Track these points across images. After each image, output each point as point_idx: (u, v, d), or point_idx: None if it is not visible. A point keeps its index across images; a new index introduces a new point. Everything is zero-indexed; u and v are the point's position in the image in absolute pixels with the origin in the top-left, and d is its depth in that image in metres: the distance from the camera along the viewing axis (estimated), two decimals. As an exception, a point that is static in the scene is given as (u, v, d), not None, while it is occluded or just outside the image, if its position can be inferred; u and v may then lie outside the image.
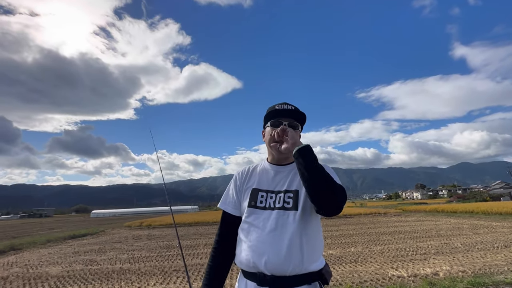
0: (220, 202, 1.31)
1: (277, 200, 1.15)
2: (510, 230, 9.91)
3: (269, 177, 1.24)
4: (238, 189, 1.28)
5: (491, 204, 21.54)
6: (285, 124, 1.19)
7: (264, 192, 1.20)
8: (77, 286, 4.91)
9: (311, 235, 1.12)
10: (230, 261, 1.24)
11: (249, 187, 1.24)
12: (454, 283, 3.96)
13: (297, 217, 1.10)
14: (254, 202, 1.18)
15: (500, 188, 62.93)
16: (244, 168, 1.36)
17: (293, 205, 1.11)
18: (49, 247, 10.88)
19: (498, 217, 14.98)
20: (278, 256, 1.04)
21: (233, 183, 1.32)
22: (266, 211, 1.14)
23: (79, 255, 8.44)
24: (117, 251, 8.75)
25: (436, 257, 5.86)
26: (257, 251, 1.07)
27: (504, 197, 41.05)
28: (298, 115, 1.23)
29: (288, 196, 1.15)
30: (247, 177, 1.29)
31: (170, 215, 32.96)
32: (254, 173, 1.29)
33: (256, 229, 1.12)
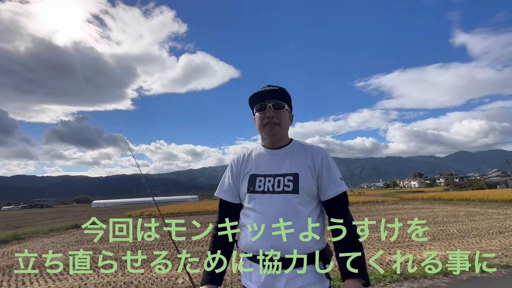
0: (217, 190, 1.30)
1: (276, 184, 1.14)
2: (505, 216, 10.10)
3: (266, 161, 1.23)
4: (235, 177, 1.27)
5: (487, 192, 21.85)
6: (270, 106, 1.18)
7: (262, 176, 1.19)
8: (81, 273, 5.01)
9: (313, 217, 1.13)
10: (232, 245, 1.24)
11: (247, 173, 1.23)
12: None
13: (299, 200, 1.11)
14: (252, 188, 1.17)
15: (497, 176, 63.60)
16: (239, 155, 1.34)
17: (294, 188, 1.11)
18: (51, 236, 11.04)
19: (494, 204, 15.22)
20: (281, 239, 1.06)
21: (229, 171, 1.31)
22: (265, 195, 1.14)
23: (81, 244, 8.58)
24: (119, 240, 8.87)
25: (432, 243, 5.98)
26: (261, 236, 1.08)
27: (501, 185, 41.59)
28: (282, 94, 1.20)
29: (288, 179, 1.14)
30: (243, 164, 1.27)
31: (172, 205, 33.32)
32: (250, 159, 1.28)
33: (258, 214, 1.12)
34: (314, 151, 1.21)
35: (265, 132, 1.21)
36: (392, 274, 3.88)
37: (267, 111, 1.18)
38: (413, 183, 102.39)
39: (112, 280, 4.52)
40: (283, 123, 1.21)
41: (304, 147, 1.25)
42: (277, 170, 1.18)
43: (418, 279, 3.76)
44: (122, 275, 4.82)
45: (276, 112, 1.19)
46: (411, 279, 3.79)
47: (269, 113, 1.18)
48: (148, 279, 4.49)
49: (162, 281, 4.36)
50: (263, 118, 1.20)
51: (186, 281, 4.26)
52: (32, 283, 4.70)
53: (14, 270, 5.60)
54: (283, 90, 1.21)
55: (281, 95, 1.20)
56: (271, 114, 1.18)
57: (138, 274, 4.80)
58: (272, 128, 1.19)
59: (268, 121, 1.18)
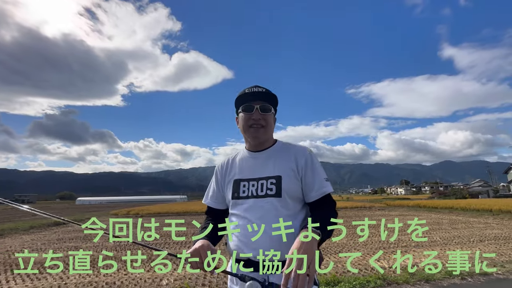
0: (203, 198, 1.30)
1: (259, 188, 1.12)
2: (485, 225, 10.43)
3: (249, 165, 1.21)
4: (220, 183, 1.26)
5: (470, 201, 22.52)
6: (257, 108, 1.15)
7: (246, 181, 1.16)
8: (61, 273, 4.85)
9: (299, 220, 1.10)
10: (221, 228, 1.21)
11: (231, 178, 1.21)
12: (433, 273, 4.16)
13: (281, 203, 1.08)
14: (237, 193, 1.15)
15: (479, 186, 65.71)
16: (223, 161, 1.32)
17: (277, 192, 1.09)
18: (32, 233, 10.65)
19: (475, 213, 15.71)
20: (267, 244, 1.04)
21: (214, 177, 1.30)
22: (249, 199, 1.12)
23: (63, 242, 8.31)
24: (103, 239, 8.65)
25: (416, 250, 6.12)
26: (245, 241, 1.07)
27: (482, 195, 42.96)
28: (269, 97, 1.17)
29: (271, 182, 1.12)
30: (227, 169, 1.26)
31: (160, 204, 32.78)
32: (234, 164, 1.26)
33: (242, 219, 1.11)
34: (298, 152, 1.18)
35: (249, 133, 1.18)
36: (376, 280, 3.94)
37: (254, 113, 1.15)
38: (400, 190, 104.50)
39: (94, 280, 4.40)
40: (268, 126, 1.18)
41: (287, 148, 1.22)
42: (260, 173, 1.15)
43: (401, 285, 3.84)
44: (105, 275, 4.70)
45: (263, 114, 1.16)
46: (394, 284, 3.85)
47: (255, 115, 1.15)
48: (132, 279, 4.40)
49: (146, 282, 4.28)
50: (249, 120, 1.16)
51: (170, 283, 4.20)
52: (9, 282, 4.51)
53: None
54: (271, 92, 1.19)
55: (269, 98, 1.18)
56: (258, 116, 1.15)
57: (121, 274, 4.70)
58: (257, 131, 1.16)
59: (253, 123, 1.15)
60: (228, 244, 1.17)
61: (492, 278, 3.98)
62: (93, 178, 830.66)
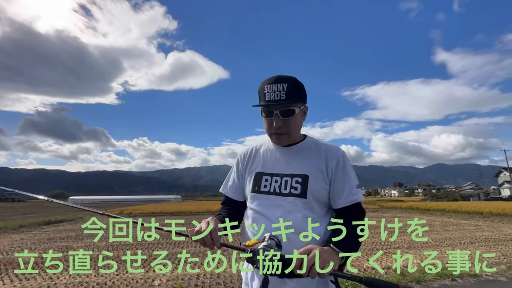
0: (221, 186, 1.22)
1: (283, 185, 1.03)
2: (476, 228, 10.60)
3: (274, 158, 1.11)
4: (241, 173, 1.18)
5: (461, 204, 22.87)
6: (277, 114, 1.02)
7: (268, 175, 1.08)
8: (51, 273, 4.77)
9: (321, 224, 1.01)
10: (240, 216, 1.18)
11: (253, 170, 1.13)
12: (424, 274, 4.21)
13: (306, 205, 1.00)
14: (257, 187, 1.07)
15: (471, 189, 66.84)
16: (246, 150, 1.23)
17: (302, 192, 1.00)
18: (21, 232, 10.45)
19: (467, 216, 15.95)
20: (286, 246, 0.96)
21: (235, 166, 1.21)
22: (271, 196, 1.03)
23: (54, 241, 8.18)
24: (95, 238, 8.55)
25: (408, 251, 6.18)
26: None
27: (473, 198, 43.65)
28: (292, 95, 0.99)
29: (296, 181, 1.02)
30: (250, 160, 1.17)
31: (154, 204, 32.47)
32: (257, 155, 1.17)
33: (261, 217, 1.02)
34: (329, 152, 1.07)
35: (272, 139, 1.10)
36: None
37: (274, 119, 1.03)
38: (393, 192, 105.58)
39: (85, 281, 4.33)
40: (292, 131, 1.06)
41: (318, 146, 1.11)
42: (285, 170, 1.06)
43: (393, 286, 3.86)
44: (96, 275, 4.63)
45: (284, 120, 1.02)
46: (386, 285, 3.88)
47: (276, 121, 1.02)
48: (124, 280, 4.35)
49: (138, 282, 4.23)
50: (270, 127, 1.05)
51: (163, 283, 4.16)
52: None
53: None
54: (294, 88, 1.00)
55: (292, 96, 0.99)
56: (279, 123, 1.02)
57: (112, 274, 4.64)
58: (280, 138, 1.07)
59: (274, 131, 1.04)
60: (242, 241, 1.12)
61: (482, 280, 4.03)
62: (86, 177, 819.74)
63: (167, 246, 7.15)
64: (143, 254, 6.08)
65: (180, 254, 6.13)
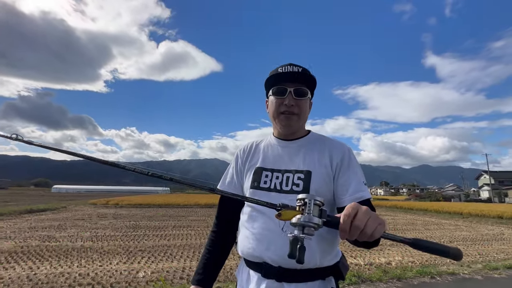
0: (220, 184, 1.14)
1: (284, 181, 0.97)
2: (455, 227, 11.03)
3: (275, 153, 1.05)
4: (240, 169, 1.11)
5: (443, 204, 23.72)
6: (291, 92, 0.98)
7: (269, 171, 1.01)
8: (31, 263, 4.64)
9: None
10: (229, 247, 1.10)
11: (253, 165, 1.07)
12: (405, 271, 4.36)
13: None
14: (257, 183, 1.00)
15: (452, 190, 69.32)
16: (246, 144, 1.17)
17: (304, 188, 0.93)
18: (1, 220, 10.11)
19: (447, 216, 16.54)
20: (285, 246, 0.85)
21: (233, 162, 1.15)
22: (271, 193, 0.96)
23: (35, 230, 7.95)
24: (79, 229, 8.37)
25: (391, 248, 6.36)
26: (262, 240, 0.92)
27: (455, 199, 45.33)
28: (306, 78, 0.99)
29: (298, 177, 0.95)
30: (250, 154, 1.11)
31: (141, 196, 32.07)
32: (257, 150, 1.11)
33: (260, 215, 0.95)
34: (334, 147, 1.01)
35: (279, 121, 1.02)
36: (351, 277, 4.06)
37: (287, 97, 0.98)
38: (380, 191, 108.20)
39: (66, 271, 4.24)
40: (302, 114, 1.02)
41: (323, 140, 1.05)
42: (287, 165, 1.00)
43: (374, 282, 3.97)
44: (78, 266, 4.54)
45: (297, 99, 0.98)
46: (368, 282, 3.99)
47: (288, 100, 0.98)
48: (107, 271, 4.28)
49: (122, 274, 4.17)
50: (280, 105, 0.99)
51: (147, 275, 4.12)
52: (-28, 271, 4.26)
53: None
54: (309, 73, 1.00)
55: (306, 79, 0.99)
56: (291, 101, 0.98)
57: (96, 265, 4.56)
58: (289, 118, 1.00)
59: (285, 109, 0.99)
60: (239, 242, 1.02)
61: (459, 278, 4.21)
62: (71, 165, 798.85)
63: (153, 238, 7.08)
64: (129, 246, 6.01)
65: (166, 246, 6.09)
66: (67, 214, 12.58)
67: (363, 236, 0.63)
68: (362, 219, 0.62)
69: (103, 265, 4.58)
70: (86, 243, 6.27)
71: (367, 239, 0.64)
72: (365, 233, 0.62)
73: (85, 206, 17.90)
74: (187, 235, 7.60)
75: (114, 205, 18.57)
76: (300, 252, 0.61)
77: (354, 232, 0.62)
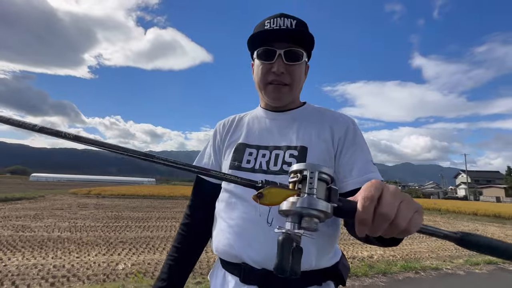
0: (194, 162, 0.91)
1: (272, 160, 0.77)
2: (434, 223, 11.44)
3: (262, 127, 0.85)
4: (218, 146, 0.90)
5: (422, 201, 24.59)
6: (281, 55, 0.76)
7: (253, 148, 0.81)
8: (1, 253, 4.35)
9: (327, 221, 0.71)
10: (203, 244, 0.89)
11: (233, 141, 0.86)
12: (390, 266, 4.41)
13: None
14: (238, 162, 0.79)
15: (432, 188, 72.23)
16: (228, 118, 0.96)
17: None
18: (-28, 208, 9.54)
19: (426, 212, 17.17)
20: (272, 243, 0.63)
21: (211, 139, 0.93)
22: (256, 174, 0.75)
23: (9, 219, 7.52)
24: (57, 219, 8.00)
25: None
26: (242, 234, 0.72)
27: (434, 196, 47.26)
28: (301, 36, 0.76)
29: (291, 154, 0.76)
30: (232, 129, 0.90)
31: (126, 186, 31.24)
32: (241, 124, 0.90)
33: (241, 202, 0.75)
34: (336, 119, 0.82)
35: (267, 93, 0.82)
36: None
37: (275, 62, 0.76)
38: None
39: (40, 263, 3.99)
40: (295, 83, 0.80)
41: (321, 112, 0.86)
42: (276, 141, 0.80)
43: (360, 277, 3.98)
44: (54, 257, 4.29)
45: (289, 65, 0.77)
46: (353, 277, 3.99)
47: (278, 65, 0.76)
48: (84, 263, 4.06)
49: (100, 266, 3.97)
50: (267, 72, 0.78)
51: (127, 267, 3.94)
52: None
53: None
54: (304, 27, 0.78)
55: (300, 37, 0.76)
56: (281, 68, 0.76)
57: (73, 257, 4.33)
58: (279, 90, 0.80)
59: (274, 79, 0.78)
60: (214, 237, 0.81)
61: (442, 273, 4.30)
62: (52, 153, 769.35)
63: (136, 229, 6.86)
64: (110, 237, 5.77)
65: (148, 238, 5.90)
66: (45, 204, 12.04)
67: (394, 229, 0.40)
68: (392, 203, 0.39)
69: (80, 257, 4.35)
70: (64, 233, 5.98)
71: (397, 235, 0.41)
72: (397, 226, 0.39)
73: (65, 195, 17.23)
74: (171, 227, 7.41)
75: (96, 195, 17.99)
76: (295, 260, 0.37)
77: (380, 224, 0.39)
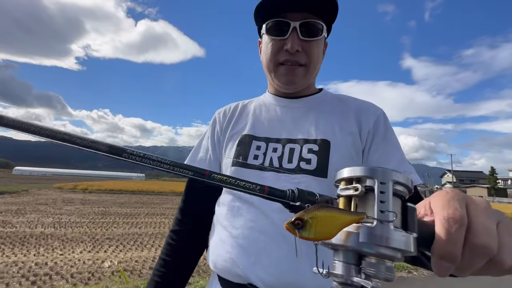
0: (186, 160, 0.76)
1: (286, 155, 0.62)
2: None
3: (272, 116, 0.70)
4: (218, 138, 0.74)
5: (411, 200, 25.24)
6: (297, 28, 0.60)
7: (262, 140, 0.66)
8: (-22, 250, 4.12)
9: None
10: (197, 257, 0.73)
11: (237, 133, 0.71)
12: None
13: (324, 188, 0.55)
14: (243, 158, 0.65)
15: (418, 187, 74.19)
16: (229, 105, 0.79)
17: (318, 167, 0.59)
18: None
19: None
20: (286, 259, 0.54)
21: (209, 130, 0.77)
22: (265, 173, 0.61)
23: (-12, 214, 7.19)
24: (40, 214, 7.70)
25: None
26: (248, 248, 0.57)
27: (420, 195, 48.68)
28: (321, 3, 0.60)
29: (310, 149, 0.61)
30: (234, 118, 0.74)
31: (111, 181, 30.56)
32: (245, 112, 0.75)
33: (247, 207, 0.60)
34: (364, 108, 0.67)
35: (278, 75, 0.67)
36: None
37: (289, 38, 0.61)
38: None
39: (21, 260, 3.80)
40: (312, 63, 0.65)
41: (343, 100, 0.71)
42: (290, 132, 0.65)
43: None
44: (36, 254, 4.10)
45: (305, 41, 0.62)
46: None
47: (292, 42, 0.61)
48: (68, 260, 3.89)
49: (85, 263, 3.81)
50: (279, 50, 0.64)
51: (114, 265, 3.79)
52: None
53: None
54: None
55: (320, 5, 0.61)
56: (296, 45, 0.61)
57: (56, 254, 4.14)
58: (292, 72, 0.65)
59: (287, 58, 0.63)
60: (211, 250, 0.66)
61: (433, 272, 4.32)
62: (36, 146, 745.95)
63: (123, 225, 6.66)
64: (96, 233, 5.57)
65: (136, 234, 5.74)
66: (28, 198, 11.60)
67: (494, 268, 0.26)
68: (490, 228, 0.25)
69: (64, 254, 4.17)
70: (47, 229, 5.74)
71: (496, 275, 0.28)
72: (501, 263, 0.26)
73: (49, 190, 16.68)
74: (160, 223, 7.25)
75: (83, 190, 17.52)
76: None
77: (474, 260, 0.26)
